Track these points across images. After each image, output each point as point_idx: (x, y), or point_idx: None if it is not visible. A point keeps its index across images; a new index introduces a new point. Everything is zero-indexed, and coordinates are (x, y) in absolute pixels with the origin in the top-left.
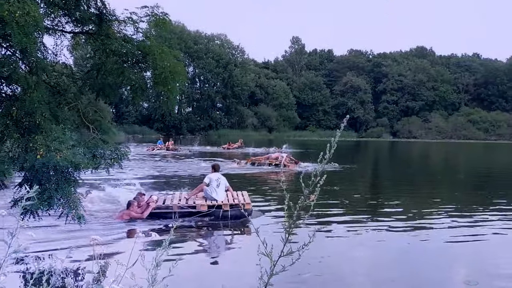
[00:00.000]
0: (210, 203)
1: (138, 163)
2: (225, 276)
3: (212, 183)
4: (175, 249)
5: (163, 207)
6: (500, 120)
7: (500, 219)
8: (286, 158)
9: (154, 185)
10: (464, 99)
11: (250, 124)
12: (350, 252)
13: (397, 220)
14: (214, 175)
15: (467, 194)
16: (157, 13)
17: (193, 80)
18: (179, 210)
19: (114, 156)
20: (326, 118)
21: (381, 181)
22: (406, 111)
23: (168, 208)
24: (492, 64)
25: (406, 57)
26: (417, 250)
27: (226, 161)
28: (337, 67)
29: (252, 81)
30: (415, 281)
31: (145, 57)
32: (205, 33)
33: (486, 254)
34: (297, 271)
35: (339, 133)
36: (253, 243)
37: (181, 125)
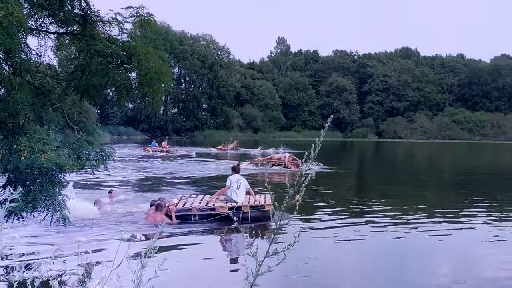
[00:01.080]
0: (230, 205)
1: (152, 164)
2: (214, 277)
3: (232, 185)
4: (165, 252)
5: (183, 210)
6: (484, 121)
7: (484, 217)
8: (288, 159)
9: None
10: (448, 100)
11: (236, 124)
12: (336, 253)
13: (383, 219)
14: (234, 176)
15: (451, 193)
16: (142, 14)
17: (178, 81)
18: (199, 212)
19: (99, 157)
20: (312, 119)
21: (367, 181)
22: (391, 112)
23: (188, 211)
24: (476, 64)
25: (391, 57)
26: (403, 250)
27: (227, 162)
28: (322, 68)
29: (237, 82)
30: (402, 280)
31: (130, 58)
32: (191, 34)
33: (472, 253)
34: (284, 272)
35: (324, 133)
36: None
37: (166, 126)
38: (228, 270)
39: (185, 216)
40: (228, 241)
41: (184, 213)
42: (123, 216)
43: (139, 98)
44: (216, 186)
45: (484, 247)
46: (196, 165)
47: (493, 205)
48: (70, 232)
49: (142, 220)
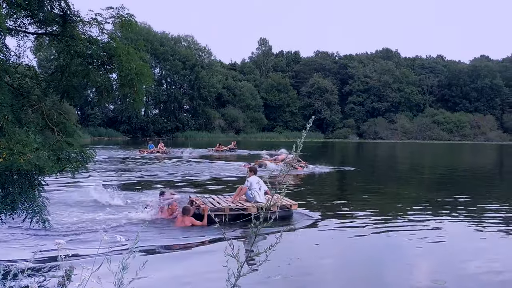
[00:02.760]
0: (259, 205)
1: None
2: (197, 278)
3: (253, 186)
4: (149, 254)
5: (214, 210)
6: (463, 121)
7: (464, 217)
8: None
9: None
10: (428, 100)
11: (218, 125)
12: (318, 253)
13: (364, 219)
14: (254, 178)
15: (432, 193)
16: (123, 15)
17: (159, 82)
18: (230, 212)
19: (80, 159)
20: (293, 120)
21: (348, 181)
22: (372, 112)
23: (219, 210)
24: (455, 65)
25: (372, 58)
26: (384, 249)
27: (226, 163)
28: (303, 69)
29: (219, 83)
30: (382, 280)
31: (110, 59)
32: (172, 35)
33: (452, 252)
34: (266, 273)
35: (305, 134)
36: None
37: (147, 127)
38: (211, 271)
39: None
40: (211, 242)
41: (216, 213)
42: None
43: (120, 99)
44: (221, 188)
45: (466, 247)
46: (199, 166)
47: (472, 204)
48: (51, 234)
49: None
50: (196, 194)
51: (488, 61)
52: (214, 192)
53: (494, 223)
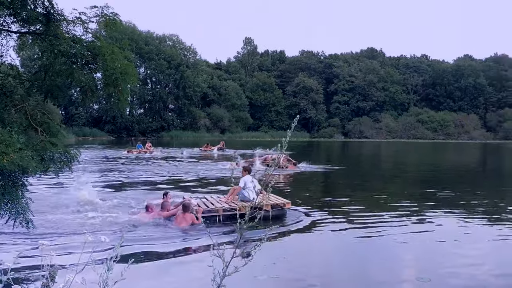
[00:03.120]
0: (251, 204)
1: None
2: (182, 278)
3: (248, 185)
4: (133, 254)
5: (210, 211)
6: (447, 120)
7: (448, 215)
8: (284, 159)
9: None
10: (413, 100)
11: (203, 125)
12: (304, 252)
13: (350, 218)
14: (248, 177)
15: (416, 191)
16: (107, 14)
17: (144, 81)
18: (223, 213)
19: (64, 159)
20: (279, 119)
21: (333, 180)
22: (357, 112)
23: (212, 211)
24: (439, 65)
25: (356, 58)
26: (369, 248)
27: (218, 163)
28: (289, 68)
29: (204, 82)
30: (368, 278)
31: (95, 58)
32: (157, 34)
33: (436, 250)
34: (252, 273)
35: (290, 133)
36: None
37: (132, 126)
38: (196, 271)
39: (210, 217)
40: (196, 243)
41: (210, 214)
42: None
43: (104, 99)
44: (212, 188)
45: (450, 245)
46: (188, 166)
47: (456, 202)
48: (34, 235)
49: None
50: (190, 194)
51: (472, 61)
52: (206, 193)
53: (477, 220)
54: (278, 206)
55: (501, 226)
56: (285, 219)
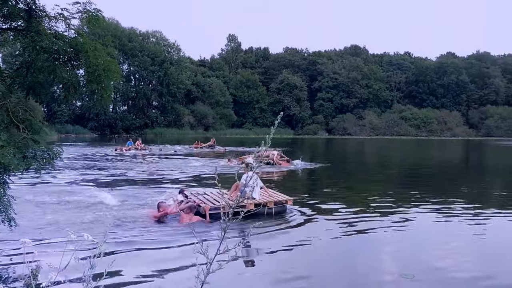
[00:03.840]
0: (257, 202)
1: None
2: (165, 276)
3: (250, 183)
4: (117, 254)
5: (216, 208)
6: (430, 117)
7: (431, 211)
8: (277, 156)
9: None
10: (396, 97)
11: (187, 122)
12: (289, 249)
13: (331, 214)
14: (250, 174)
15: (400, 187)
16: (90, 10)
17: (128, 78)
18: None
19: (46, 157)
20: (263, 116)
21: (317, 177)
22: (341, 109)
23: (218, 208)
24: (422, 62)
25: (340, 55)
26: (354, 244)
27: (211, 159)
28: (273, 65)
29: (188, 79)
30: (352, 274)
31: (77, 55)
32: (140, 30)
33: (420, 246)
34: (237, 270)
35: (274, 130)
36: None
37: (116, 124)
38: (180, 268)
39: (216, 214)
40: (180, 239)
41: (217, 211)
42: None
43: (87, 96)
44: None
45: (432, 242)
46: (182, 163)
47: (439, 198)
48: (15, 233)
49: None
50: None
51: (454, 58)
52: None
53: (460, 216)
54: (280, 203)
55: (483, 220)
56: (285, 215)
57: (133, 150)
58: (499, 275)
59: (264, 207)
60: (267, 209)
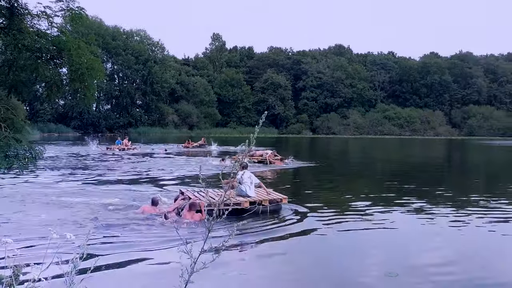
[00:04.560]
0: (252, 199)
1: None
2: (150, 276)
3: (245, 180)
4: (101, 253)
5: (210, 206)
6: (414, 117)
7: (415, 209)
8: (270, 155)
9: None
10: (380, 96)
11: (171, 121)
12: (274, 248)
13: (315, 213)
14: (246, 173)
15: (383, 186)
16: (73, 8)
17: (111, 77)
18: (225, 208)
19: (28, 156)
20: (247, 115)
21: (302, 175)
22: (325, 108)
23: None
24: (406, 62)
25: (324, 54)
26: (338, 242)
27: (201, 158)
28: (257, 64)
29: (172, 78)
30: (336, 273)
31: (60, 53)
32: (124, 29)
33: (404, 244)
34: (221, 270)
35: (258, 129)
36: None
37: (99, 122)
38: (164, 268)
39: (210, 212)
40: (163, 239)
41: (211, 208)
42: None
43: (70, 95)
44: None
45: (416, 240)
46: (173, 162)
47: (423, 197)
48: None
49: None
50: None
51: (438, 58)
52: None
53: (444, 214)
54: (275, 201)
55: (465, 218)
56: (280, 214)
57: (120, 149)
58: (482, 273)
59: (259, 206)
60: (261, 207)
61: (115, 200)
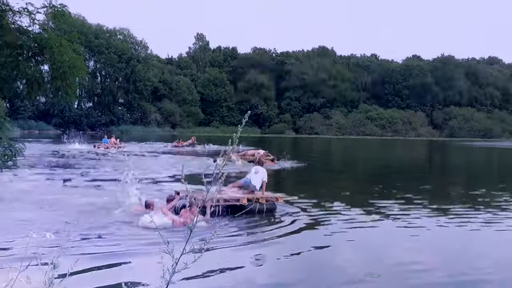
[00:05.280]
0: (252, 195)
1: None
2: (132, 275)
3: (251, 171)
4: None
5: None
6: (395, 118)
7: (396, 210)
8: (263, 155)
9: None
10: (362, 97)
11: (153, 120)
12: (256, 248)
13: (296, 212)
14: (255, 167)
15: (365, 187)
16: (55, 5)
17: (94, 75)
18: (223, 204)
19: (8, 153)
20: (230, 114)
21: (283, 175)
22: (308, 108)
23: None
24: (388, 64)
25: (308, 56)
26: (320, 244)
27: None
28: (241, 64)
29: (155, 77)
30: (317, 274)
31: (42, 50)
32: (107, 27)
33: (385, 245)
34: (203, 269)
35: (241, 128)
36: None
37: (81, 120)
38: (146, 268)
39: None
40: (146, 240)
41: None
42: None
43: (51, 92)
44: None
45: (396, 239)
46: (169, 161)
47: (403, 197)
48: None
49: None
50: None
51: (420, 61)
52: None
53: (424, 215)
54: (271, 200)
55: (444, 217)
56: (273, 213)
57: (109, 147)
58: (462, 272)
59: (256, 203)
60: (258, 205)
61: (102, 199)
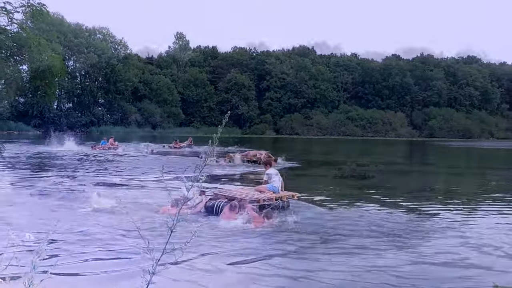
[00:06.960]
0: (277, 195)
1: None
2: (114, 275)
3: (274, 177)
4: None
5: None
6: (376, 118)
7: (378, 208)
8: (264, 155)
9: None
10: (343, 97)
11: (134, 120)
12: (236, 247)
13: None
14: (272, 170)
15: (344, 185)
16: (34, 4)
17: (73, 75)
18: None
19: None
20: (211, 115)
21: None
22: (289, 108)
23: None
24: (368, 64)
25: (288, 55)
26: (291, 244)
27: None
28: (221, 64)
29: (135, 77)
30: (291, 275)
31: (20, 50)
32: (86, 26)
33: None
34: (187, 267)
35: (221, 129)
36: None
37: (60, 121)
38: (128, 268)
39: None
40: (130, 240)
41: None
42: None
43: (31, 92)
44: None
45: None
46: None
47: (386, 196)
48: None
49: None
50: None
51: (399, 60)
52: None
53: (406, 213)
54: (290, 197)
55: (426, 217)
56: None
57: (106, 149)
58: (442, 273)
59: (281, 201)
60: (281, 202)
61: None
